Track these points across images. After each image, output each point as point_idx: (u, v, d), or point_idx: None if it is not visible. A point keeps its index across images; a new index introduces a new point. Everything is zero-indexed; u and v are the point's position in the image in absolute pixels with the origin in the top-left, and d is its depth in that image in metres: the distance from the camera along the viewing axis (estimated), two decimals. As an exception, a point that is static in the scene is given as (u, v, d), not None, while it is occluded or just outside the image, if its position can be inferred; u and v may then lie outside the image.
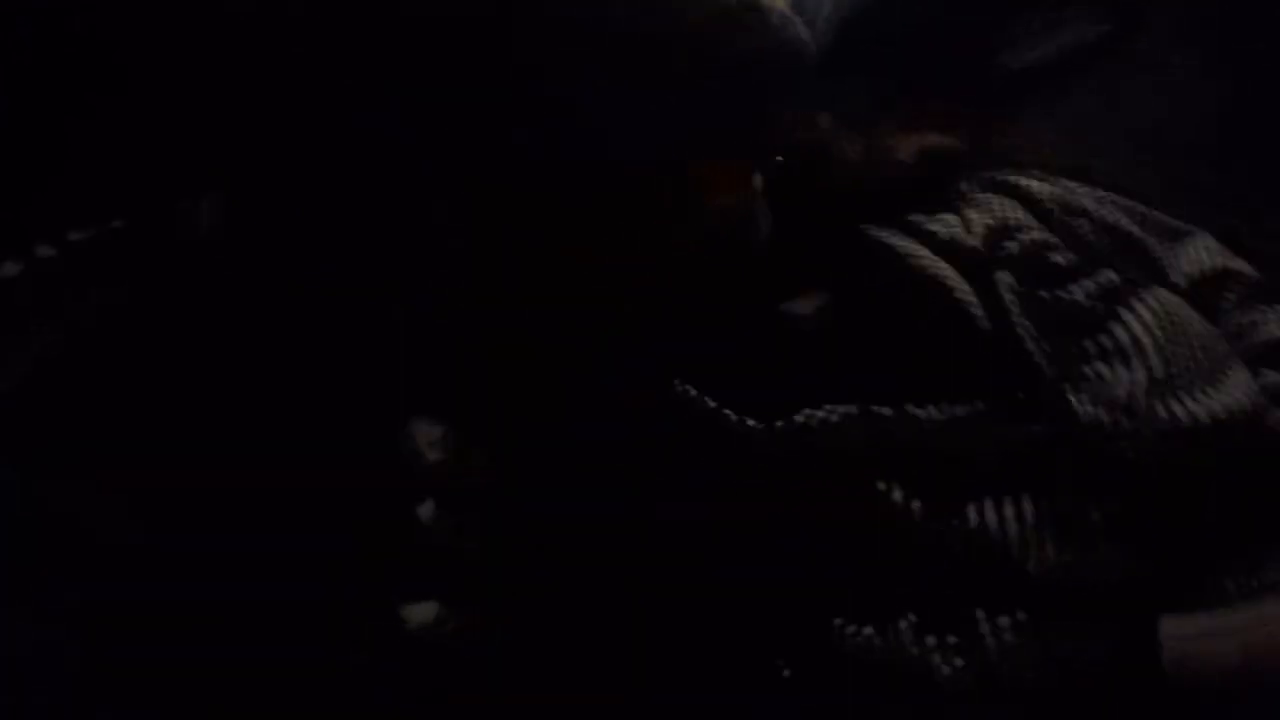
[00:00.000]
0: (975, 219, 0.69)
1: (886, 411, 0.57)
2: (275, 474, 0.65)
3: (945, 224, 0.70)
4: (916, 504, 0.56)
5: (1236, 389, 0.58)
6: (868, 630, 0.56)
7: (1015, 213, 0.71)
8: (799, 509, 0.59)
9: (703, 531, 0.62)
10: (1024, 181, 0.75)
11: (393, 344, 0.68)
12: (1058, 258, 0.65)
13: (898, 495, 0.56)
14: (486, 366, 0.67)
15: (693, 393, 0.63)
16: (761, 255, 0.70)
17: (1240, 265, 0.72)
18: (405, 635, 0.63)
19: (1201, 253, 0.71)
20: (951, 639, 0.55)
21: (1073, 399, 0.56)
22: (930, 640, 0.55)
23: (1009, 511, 0.55)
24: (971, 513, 0.55)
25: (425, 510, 0.65)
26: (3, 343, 0.66)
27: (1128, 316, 0.60)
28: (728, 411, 0.61)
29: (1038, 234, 0.68)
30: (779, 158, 0.70)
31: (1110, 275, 0.63)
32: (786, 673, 0.58)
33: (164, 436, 0.66)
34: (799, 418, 0.59)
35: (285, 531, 0.65)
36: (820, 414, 0.58)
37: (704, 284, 0.69)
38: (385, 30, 0.79)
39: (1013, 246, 0.65)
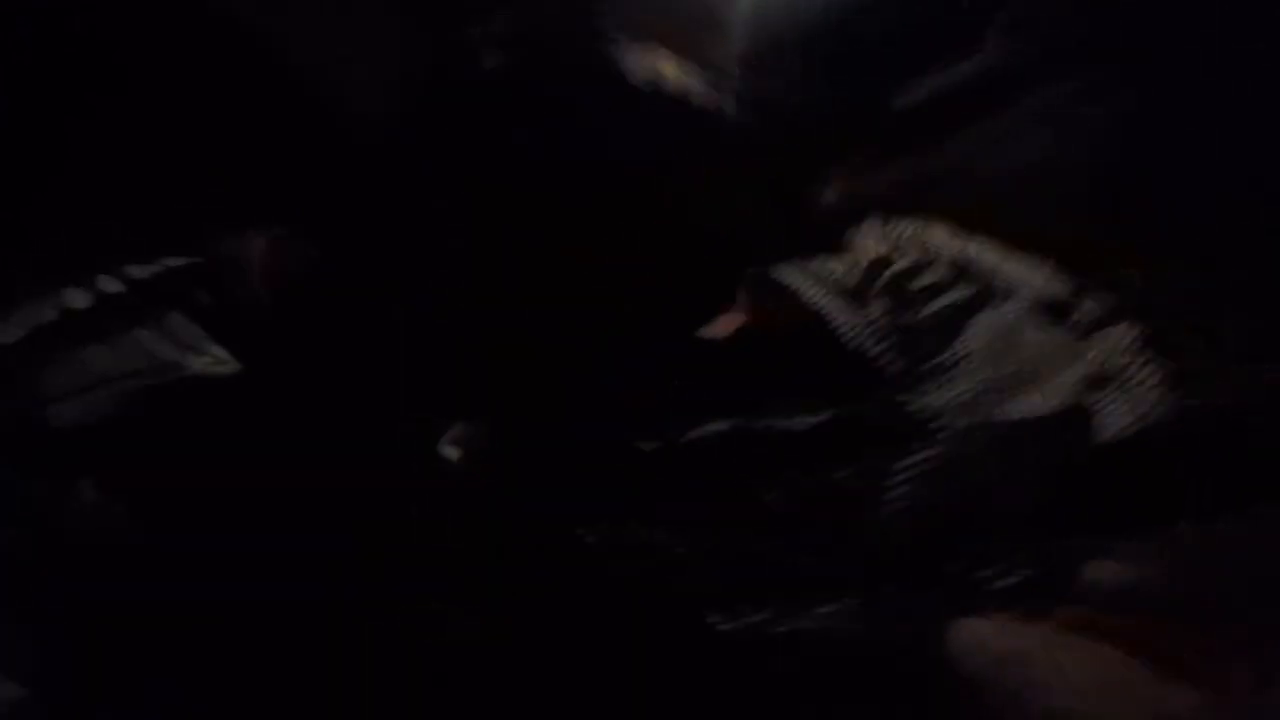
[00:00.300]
0: (860, 258, 0.82)
1: (758, 425, 0.68)
2: (286, 475, 0.70)
3: (838, 264, 0.83)
4: (783, 500, 0.67)
5: (1054, 396, 0.69)
6: (747, 616, 0.65)
7: (889, 249, 0.82)
8: (689, 515, 0.68)
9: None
10: (895, 226, 0.86)
11: (399, 345, 0.75)
12: (918, 283, 0.77)
13: (768, 495, 0.67)
14: (487, 366, 0.74)
15: (599, 415, 0.72)
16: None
17: (1080, 296, 0.81)
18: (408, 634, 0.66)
19: (1041, 281, 0.81)
20: (806, 613, 0.64)
21: (912, 406, 0.68)
22: (792, 617, 0.64)
23: (851, 504, 0.65)
24: (828, 505, 0.66)
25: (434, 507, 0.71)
26: (69, 366, 0.74)
27: (967, 332, 0.73)
28: (627, 437, 0.70)
29: (904, 264, 0.80)
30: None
31: (958, 295, 0.76)
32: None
33: (181, 439, 0.72)
34: (689, 435, 0.69)
35: (290, 531, 0.68)
36: (703, 431, 0.69)
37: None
38: (389, 33, 0.90)
39: (885, 278, 0.78)
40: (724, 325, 0.79)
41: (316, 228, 0.84)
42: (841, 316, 0.75)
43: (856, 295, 0.78)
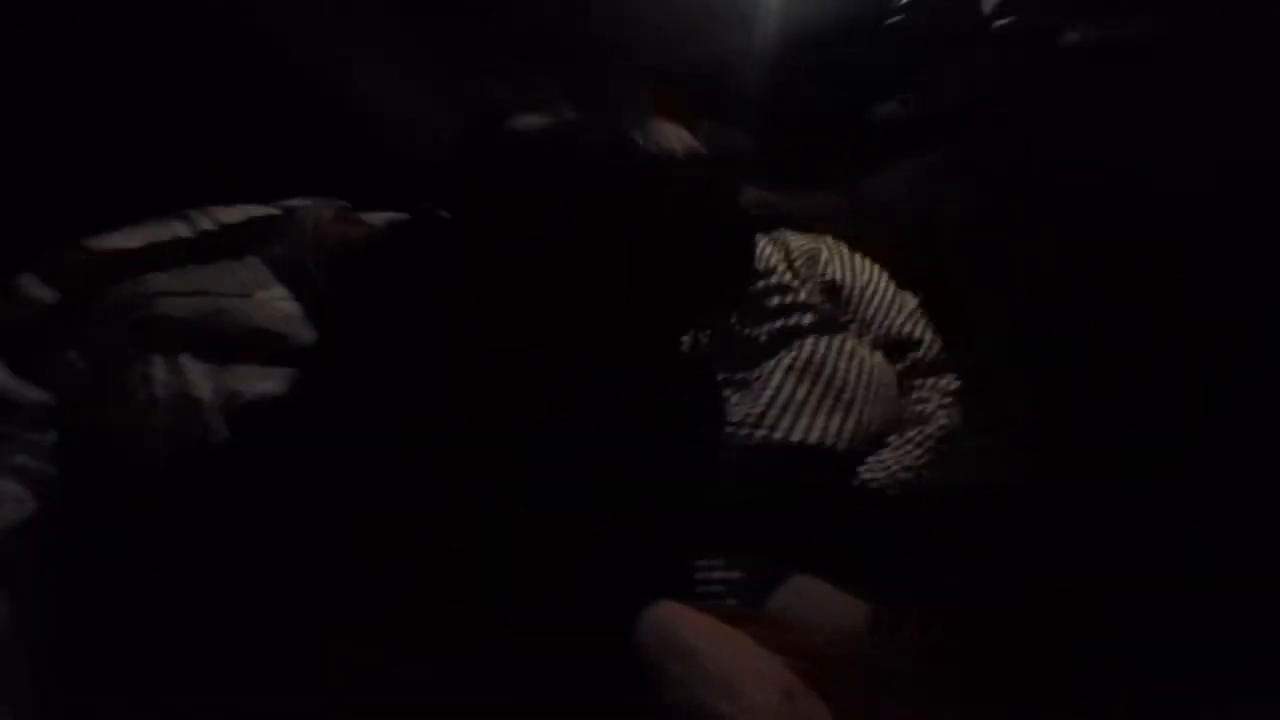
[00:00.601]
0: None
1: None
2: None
3: None
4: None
5: (828, 432, 0.79)
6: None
7: (772, 264, 0.94)
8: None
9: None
10: (791, 239, 0.98)
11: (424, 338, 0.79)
12: (773, 301, 0.88)
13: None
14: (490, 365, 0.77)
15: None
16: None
17: (927, 336, 0.91)
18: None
19: (900, 320, 0.93)
20: None
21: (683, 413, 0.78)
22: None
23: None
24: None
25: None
26: (173, 274, 0.87)
27: (782, 355, 0.84)
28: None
29: (774, 279, 0.90)
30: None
31: (798, 319, 0.86)
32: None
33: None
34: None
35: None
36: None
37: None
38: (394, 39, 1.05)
39: (748, 292, 0.90)
40: None
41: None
42: None
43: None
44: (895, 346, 0.93)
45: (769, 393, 0.84)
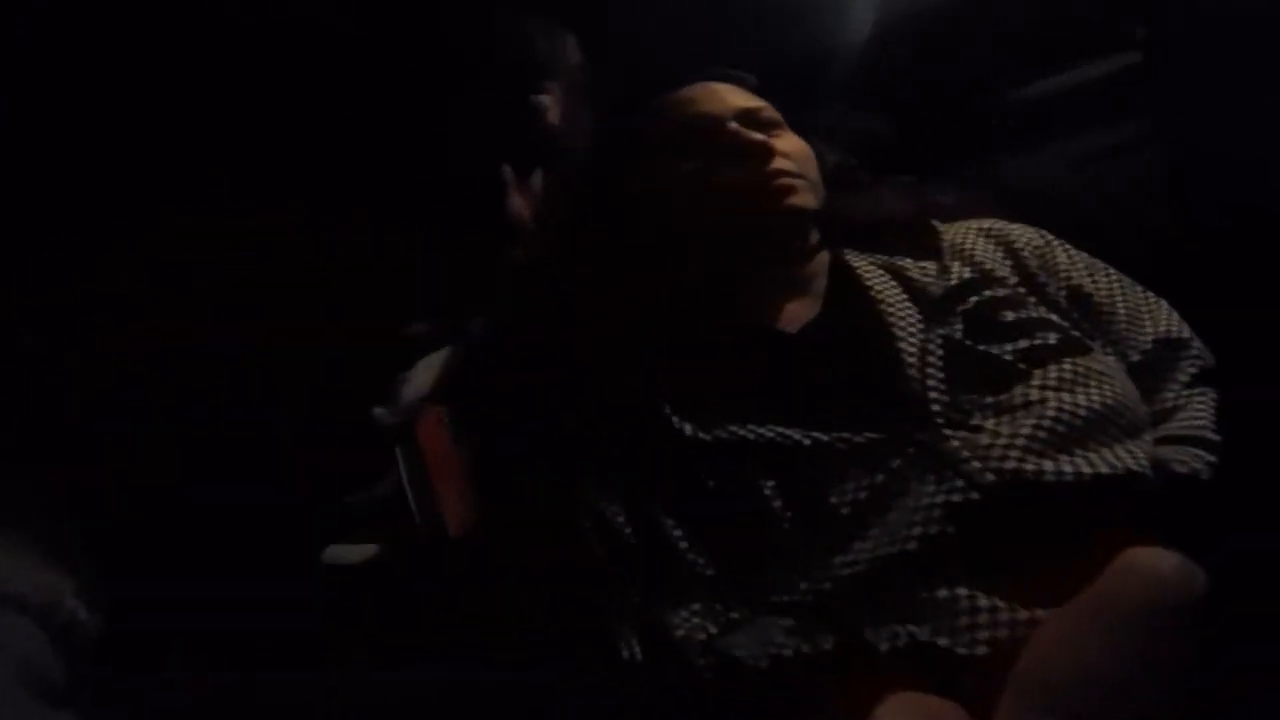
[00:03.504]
0: (955, 269, 0.76)
1: (795, 436, 0.67)
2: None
3: (924, 270, 0.77)
4: (789, 510, 0.65)
5: (1103, 463, 0.62)
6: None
7: (994, 264, 0.77)
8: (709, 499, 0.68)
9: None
10: (1013, 232, 0.81)
11: None
12: (1008, 315, 0.72)
13: (777, 502, 0.65)
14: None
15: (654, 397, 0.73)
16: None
17: (1190, 337, 0.75)
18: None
19: (1162, 324, 0.76)
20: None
21: (945, 443, 0.64)
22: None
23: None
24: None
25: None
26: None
27: (1036, 378, 0.67)
28: (674, 417, 0.71)
29: (1001, 291, 0.74)
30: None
31: (1045, 338, 0.70)
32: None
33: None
34: (725, 432, 0.69)
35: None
36: (743, 431, 0.68)
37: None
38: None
39: (973, 300, 0.73)
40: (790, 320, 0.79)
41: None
42: (912, 336, 0.75)
43: (939, 313, 0.76)
44: (1159, 349, 0.76)
45: (1048, 419, 0.66)
